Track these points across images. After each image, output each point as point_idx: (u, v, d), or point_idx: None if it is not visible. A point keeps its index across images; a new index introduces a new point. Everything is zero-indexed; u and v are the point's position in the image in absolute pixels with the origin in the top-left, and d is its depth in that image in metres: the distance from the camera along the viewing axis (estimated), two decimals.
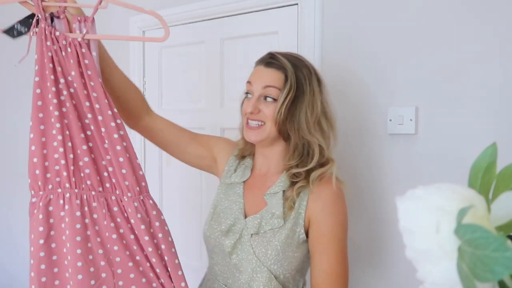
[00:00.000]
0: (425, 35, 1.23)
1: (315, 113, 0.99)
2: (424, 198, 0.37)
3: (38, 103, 0.94)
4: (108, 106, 0.95)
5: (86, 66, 0.94)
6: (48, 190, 0.94)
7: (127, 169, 0.95)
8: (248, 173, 1.10)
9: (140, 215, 0.95)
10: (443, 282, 0.36)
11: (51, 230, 0.93)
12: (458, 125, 1.19)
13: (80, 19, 0.96)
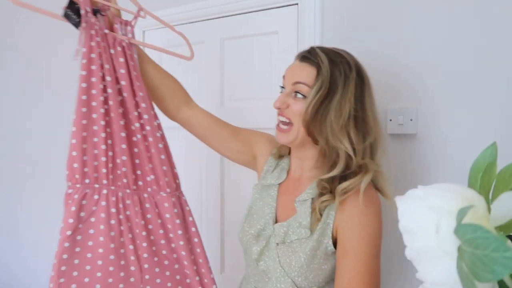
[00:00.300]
0: (425, 35, 1.23)
1: (343, 116, 0.89)
2: (424, 198, 0.37)
3: (82, 97, 0.94)
4: (151, 106, 1.01)
5: (133, 67, 0.98)
6: (85, 184, 0.96)
7: (167, 166, 1.01)
8: (284, 175, 1.04)
9: (176, 210, 1.01)
10: (443, 282, 0.36)
11: (80, 223, 0.95)
12: (458, 125, 1.19)
13: (122, 22, 1.01)
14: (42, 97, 2.32)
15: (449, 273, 0.35)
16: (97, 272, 0.95)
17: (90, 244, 0.96)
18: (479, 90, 1.15)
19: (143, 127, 1.00)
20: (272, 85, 1.57)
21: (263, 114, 1.57)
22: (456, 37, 1.18)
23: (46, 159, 2.33)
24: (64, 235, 0.94)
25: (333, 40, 1.39)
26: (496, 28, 1.13)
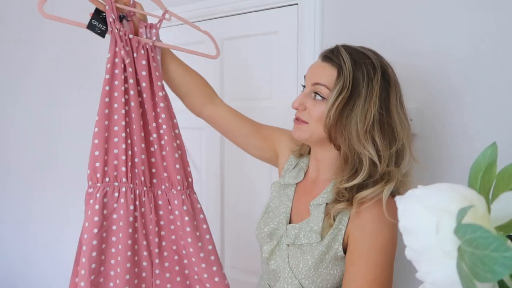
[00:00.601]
0: (425, 35, 1.23)
1: (367, 121, 0.84)
2: (424, 198, 0.37)
3: (105, 100, 1.00)
4: (169, 105, 1.05)
5: (155, 68, 1.03)
6: (105, 182, 1.01)
7: (180, 165, 1.04)
8: (302, 175, 1.02)
9: (186, 208, 1.04)
10: (443, 282, 0.36)
11: (104, 220, 1.00)
12: (458, 125, 1.19)
13: (146, 25, 1.06)
14: (40, 98, 2.32)
15: (449, 273, 0.35)
16: (117, 268, 1.00)
17: (113, 240, 1.01)
18: (479, 90, 1.15)
19: (160, 126, 1.05)
20: (272, 85, 1.57)
21: (263, 114, 1.57)
22: (456, 37, 1.18)
23: (53, 156, 2.34)
24: (91, 233, 0.98)
25: (333, 40, 1.38)
26: (496, 28, 1.13)
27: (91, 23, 1.00)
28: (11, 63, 2.47)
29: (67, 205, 2.25)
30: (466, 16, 1.17)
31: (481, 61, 1.15)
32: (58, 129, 2.27)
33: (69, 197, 2.23)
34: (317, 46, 1.40)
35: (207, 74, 1.74)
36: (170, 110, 1.06)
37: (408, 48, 1.26)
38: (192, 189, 1.08)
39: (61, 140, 2.26)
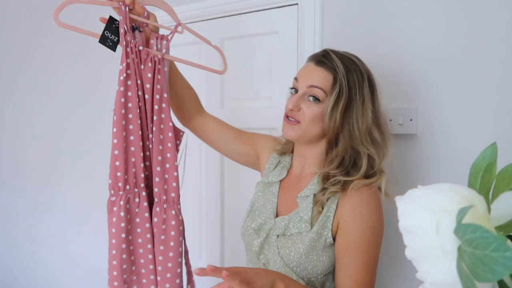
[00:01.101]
0: (425, 35, 1.23)
1: (365, 122, 0.94)
2: (424, 198, 0.37)
3: (121, 111, 1.04)
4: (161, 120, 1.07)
5: (158, 81, 1.06)
6: (127, 190, 1.07)
7: (160, 178, 1.08)
8: (284, 172, 1.08)
9: (156, 220, 1.08)
10: (443, 282, 0.36)
11: (129, 225, 1.07)
12: (458, 125, 1.19)
13: (157, 37, 1.08)
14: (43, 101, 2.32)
15: (449, 273, 0.35)
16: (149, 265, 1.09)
17: (140, 241, 1.08)
18: (479, 90, 1.15)
19: (150, 138, 1.09)
20: (272, 85, 1.57)
21: (263, 114, 1.57)
22: (456, 37, 1.18)
23: (46, 161, 2.34)
24: (119, 238, 1.05)
25: (333, 40, 1.39)
26: (496, 28, 1.13)
27: (104, 35, 1.03)
28: (7, 63, 2.47)
29: (77, 206, 2.25)
30: (467, 16, 1.17)
31: (481, 61, 1.15)
32: (66, 131, 2.27)
33: (55, 200, 2.23)
34: (317, 46, 1.40)
35: (207, 74, 1.74)
36: (163, 124, 1.08)
37: (408, 48, 1.26)
38: (171, 205, 1.09)
39: (64, 142, 2.26)
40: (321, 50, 1.02)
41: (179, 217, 1.10)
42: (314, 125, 0.96)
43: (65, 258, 2.28)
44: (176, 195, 1.09)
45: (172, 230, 1.08)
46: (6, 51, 2.49)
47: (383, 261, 1.33)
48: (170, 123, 1.08)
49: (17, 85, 2.45)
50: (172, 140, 1.08)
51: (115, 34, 1.04)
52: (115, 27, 1.03)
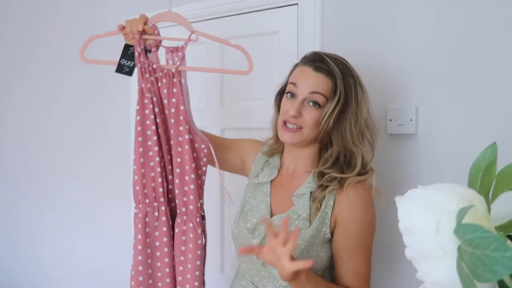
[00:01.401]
0: (425, 35, 1.23)
1: (359, 123, 0.99)
2: (424, 198, 0.37)
3: (138, 129, 1.10)
4: (179, 132, 1.09)
5: (173, 94, 1.09)
6: (146, 203, 1.11)
7: (179, 190, 1.11)
8: (275, 172, 1.10)
9: (178, 230, 1.11)
10: (443, 282, 0.36)
11: (147, 238, 1.11)
12: (458, 125, 1.19)
13: (172, 50, 1.10)
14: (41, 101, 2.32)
15: (449, 273, 0.35)
16: (167, 278, 1.12)
17: (158, 255, 1.12)
18: (479, 90, 1.15)
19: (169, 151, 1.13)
20: (272, 85, 1.56)
21: (263, 114, 1.57)
22: (456, 37, 1.18)
23: (47, 162, 2.33)
24: (136, 250, 1.10)
25: (333, 40, 1.39)
26: (496, 28, 1.13)
27: (120, 63, 1.10)
28: (10, 64, 2.47)
29: (76, 212, 2.25)
30: (467, 16, 1.17)
31: (482, 61, 1.15)
32: (66, 131, 2.27)
33: (55, 201, 2.23)
34: (317, 46, 1.40)
35: (207, 75, 1.74)
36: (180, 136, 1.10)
37: (408, 48, 1.25)
38: (190, 217, 1.12)
39: (62, 144, 2.26)
40: (312, 53, 1.04)
41: (197, 231, 1.11)
42: (314, 130, 0.99)
43: (66, 259, 2.28)
44: (195, 208, 1.11)
45: (190, 243, 1.10)
46: (8, 51, 2.49)
47: (383, 261, 1.33)
48: (187, 136, 1.08)
49: (19, 85, 2.45)
50: (189, 152, 1.09)
51: (131, 60, 1.10)
52: (130, 53, 1.10)
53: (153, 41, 1.10)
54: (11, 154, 2.53)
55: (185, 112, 1.08)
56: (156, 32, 1.10)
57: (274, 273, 0.98)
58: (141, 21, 1.07)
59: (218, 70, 1.18)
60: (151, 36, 1.09)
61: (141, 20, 1.07)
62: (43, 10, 2.29)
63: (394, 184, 1.29)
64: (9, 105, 2.51)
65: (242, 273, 1.09)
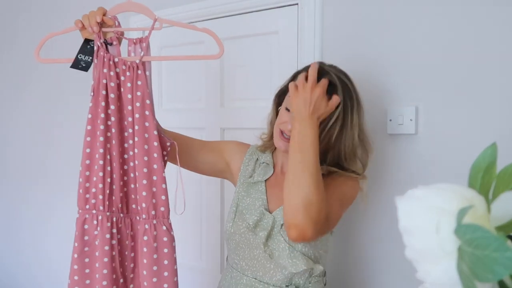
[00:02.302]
0: (425, 36, 1.23)
1: (352, 143, 1.01)
2: (424, 198, 0.37)
3: (88, 128, 1.02)
4: (145, 128, 1.01)
5: (138, 87, 1.01)
6: (85, 209, 1.04)
7: (148, 192, 1.02)
8: (270, 171, 1.12)
9: (146, 238, 1.01)
10: (443, 282, 0.36)
11: (85, 246, 1.03)
12: (458, 125, 1.19)
13: (135, 41, 1.04)
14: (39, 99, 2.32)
15: (449, 273, 0.35)
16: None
17: (97, 266, 1.03)
18: (479, 90, 1.15)
19: (132, 149, 1.03)
20: (272, 85, 1.57)
21: (263, 114, 1.57)
22: (456, 38, 1.18)
23: (50, 163, 2.33)
24: (72, 258, 1.03)
25: (333, 40, 1.39)
26: (496, 28, 1.13)
27: (77, 58, 1.04)
28: (17, 65, 2.47)
29: (59, 209, 2.25)
30: (467, 16, 1.17)
31: (482, 61, 1.15)
32: (61, 131, 2.27)
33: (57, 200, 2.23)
34: (317, 46, 1.40)
35: (207, 75, 1.74)
36: (147, 133, 1.02)
37: (408, 48, 1.26)
38: (161, 220, 1.03)
39: (58, 143, 2.26)
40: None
41: (171, 232, 1.03)
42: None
43: (69, 260, 2.28)
44: (166, 209, 1.03)
45: (165, 247, 1.01)
46: (11, 52, 2.50)
47: (383, 260, 1.33)
48: (155, 132, 1.01)
49: (24, 86, 2.45)
50: (158, 149, 1.01)
51: (89, 55, 1.04)
52: (89, 47, 1.04)
53: (114, 33, 1.03)
54: (14, 155, 2.53)
55: (151, 107, 1.02)
56: (116, 24, 1.04)
57: (282, 262, 1.01)
58: (99, 12, 1.01)
59: (185, 57, 1.10)
60: (111, 28, 1.02)
61: (99, 12, 1.02)
62: (46, 13, 2.29)
63: (394, 184, 1.29)
64: (14, 106, 2.51)
65: (241, 271, 1.09)
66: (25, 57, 2.39)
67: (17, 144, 2.49)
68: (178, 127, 1.85)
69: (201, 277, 1.77)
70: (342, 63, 1.36)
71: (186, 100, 1.82)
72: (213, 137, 1.70)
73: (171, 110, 1.84)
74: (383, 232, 1.33)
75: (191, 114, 1.79)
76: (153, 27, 1.04)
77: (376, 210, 1.33)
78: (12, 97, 2.49)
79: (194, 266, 1.79)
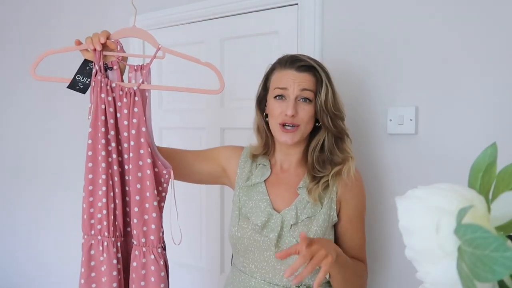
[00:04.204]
0: (425, 36, 1.23)
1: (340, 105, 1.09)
2: (424, 198, 0.37)
3: (89, 153, 1.03)
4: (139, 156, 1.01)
5: (134, 115, 1.01)
6: (91, 235, 1.05)
7: (138, 219, 1.02)
8: (268, 172, 1.13)
9: (136, 264, 1.02)
10: (443, 282, 0.36)
11: (92, 272, 1.04)
12: (458, 125, 1.19)
13: (136, 68, 1.04)
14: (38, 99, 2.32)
15: (449, 273, 0.35)
16: None
17: None
18: (479, 90, 1.15)
19: (128, 175, 1.04)
20: None
21: None
22: (456, 38, 1.18)
23: (46, 164, 2.33)
24: (79, 283, 1.04)
25: (333, 40, 1.39)
26: (496, 28, 1.13)
27: (74, 79, 1.03)
28: (11, 64, 2.47)
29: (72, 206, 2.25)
30: (466, 16, 1.17)
31: (481, 61, 1.15)
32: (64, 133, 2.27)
33: (53, 201, 2.24)
34: (317, 46, 1.40)
35: (207, 75, 1.74)
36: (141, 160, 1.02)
37: (408, 48, 1.26)
38: (151, 248, 1.03)
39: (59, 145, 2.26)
40: (287, 56, 1.10)
41: (160, 262, 1.02)
42: (309, 124, 1.07)
43: (64, 260, 2.28)
44: (156, 238, 1.02)
45: (152, 276, 1.01)
46: (10, 52, 2.50)
47: (383, 261, 1.33)
48: (149, 160, 1.01)
49: (19, 85, 2.45)
50: (151, 178, 1.01)
51: (87, 77, 1.03)
52: (88, 69, 1.03)
53: (116, 58, 1.03)
54: (10, 154, 2.52)
55: (146, 134, 1.01)
56: (118, 48, 1.04)
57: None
58: (103, 34, 1.02)
59: (185, 89, 1.11)
60: (112, 52, 1.02)
61: (103, 34, 1.02)
62: (46, 13, 2.29)
63: (394, 184, 1.29)
64: (9, 105, 2.51)
65: (249, 273, 1.08)
66: (20, 55, 2.39)
67: (13, 143, 2.48)
68: (178, 127, 1.85)
69: (201, 277, 1.77)
70: (342, 63, 1.37)
71: (186, 100, 1.82)
72: (213, 137, 1.70)
73: (171, 110, 1.83)
74: (383, 232, 1.33)
75: (191, 114, 1.79)
76: (155, 55, 1.05)
77: (376, 210, 1.33)
78: (5, 95, 2.49)
79: (194, 266, 1.79)
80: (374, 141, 1.32)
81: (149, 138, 1.03)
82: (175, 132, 1.82)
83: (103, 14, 2.01)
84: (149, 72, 1.05)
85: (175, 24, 1.76)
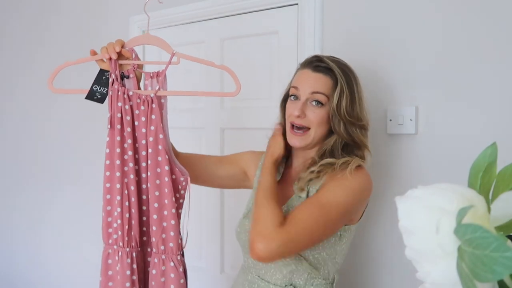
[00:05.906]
0: (426, 35, 1.23)
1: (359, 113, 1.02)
2: (424, 198, 0.37)
3: (106, 162, 1.03)
4: (158, 163, 1.01)
5: (151, 122, 1.02)
6: (108, 244, 1.05)
7: (157, 227, 1.02)
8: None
9: (155, 272, 1.03)
10: (443, 282, 0.36)
11: (109, 281, 1.04)
12: (458, 125, 1.19)
13: (152, 75, 1.04)
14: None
15: (449, 273, 0.35)
16: None
17: None
18: (479, 90, 1.15)
19: (146, 183, 1.04)
20: (272, 85, 1.57)
21: (263, 114, 1.57)
22: (456, 37, 1.18)
23: (46, 163, 2.33)
24: None
25: (333, 40, 1.39)
26: (495, 29, 1.13)
27: (92, 89, 1.04)
28: (11, 63, 2.47)
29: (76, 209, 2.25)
30: (467, 17, 1.17)
31: (481, 61, 1.15)
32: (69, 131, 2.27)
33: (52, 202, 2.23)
34: (317, 46, 1.40)
35: (207, 75, 1.74)
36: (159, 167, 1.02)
37: (408, 48, 1.26)
38: (171, 255, 1.03)
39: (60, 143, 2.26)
40: (311, 56, 1.07)
41: (179, 269, 1.03)
42: (320, 128, 1.02)
43: (64, 260, 2.28)
44: (175, 245, 1.03)
45: (171, 284, 1.01)
46: (9, 51, 2.50)
47: (382, 260, 1.33)
48: (167, 167, 1.01)
49: (18, 84, 2.45)
50: (169, 185, 1.01)
51: (104, 86, 1.04)
52: (105, 78, 1.04)
53: (132, 66, 1.04)
54: (9, 153, 2.52)
55: (164, 141, 1.02)
56: (133, 56, 1.05)
57: (280, 264, 1.01)
58: (117, 44, 1.03)
59: (202, 93, 1.12)
60: (128, 60, 1.03)
61: (117, 43, 1.03)
62: (46, 13, 2.29)
63: (394, 184, 1.29)
64: (8, 104, 2.51)
65: (247, 269, 1.11)
66: (19, 54, 2.39)
67: (12, 142, 2.48)
68: (178, 127, 1.85)
69: (201, 277, 1.77)
70: None
71: (186, 100, 1.82)
72: (213, 137, 1.70)
73: (171, 110, 1.82)
74: (383, 232, 1.33)
75: (191, 114, 1.79)
76: (170, 61, 1.04)
77: (376, 210, 1.32)
78: (4, 94, 2.49)
79: (194, 266, 1.79)
80: (374, 141, 1.32)
81: (167, 145, 1.04)
82: (175, 132, 1.82)
83: (102, 13, 2.01)
84: (165, 79, 1.05)
85: (175, 24, 1.76)
